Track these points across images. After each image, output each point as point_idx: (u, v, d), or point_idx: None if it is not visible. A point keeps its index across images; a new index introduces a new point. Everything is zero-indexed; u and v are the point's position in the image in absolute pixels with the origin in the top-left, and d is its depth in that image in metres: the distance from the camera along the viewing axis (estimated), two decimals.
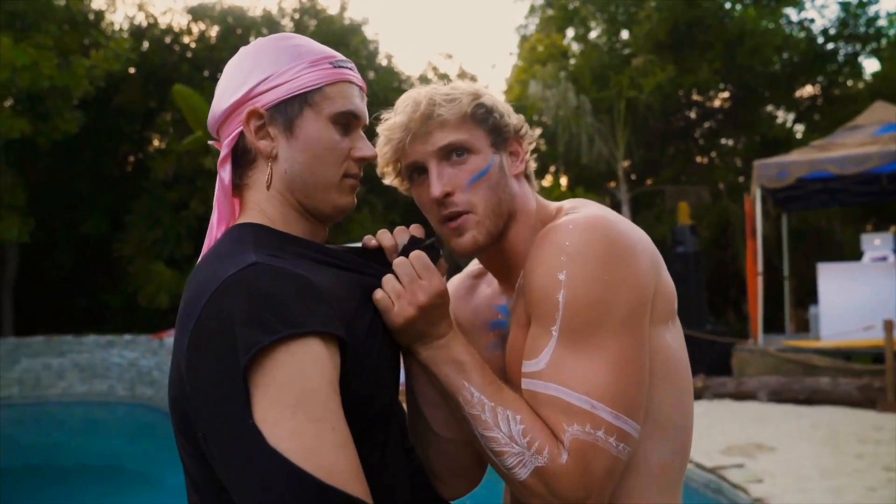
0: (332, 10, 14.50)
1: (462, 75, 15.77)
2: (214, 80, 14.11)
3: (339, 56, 0.93)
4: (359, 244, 1.02)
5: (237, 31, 13.99)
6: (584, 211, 0.98)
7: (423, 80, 15.08)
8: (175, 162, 12.56)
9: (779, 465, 4.61)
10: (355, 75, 0.94)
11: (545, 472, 0.86)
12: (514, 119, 1.06)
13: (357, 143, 0.93)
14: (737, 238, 12.61)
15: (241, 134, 0.90)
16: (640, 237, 0.96)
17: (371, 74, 14.43)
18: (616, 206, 14.42)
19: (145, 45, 13.78)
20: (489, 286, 1.16)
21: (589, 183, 14.95)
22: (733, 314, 14.42)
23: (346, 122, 0.91)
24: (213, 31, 14.27)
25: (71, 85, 10.61)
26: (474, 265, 1.23)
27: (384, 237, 1.03)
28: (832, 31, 14.63)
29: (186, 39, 14.33)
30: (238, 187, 0.93)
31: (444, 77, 15.21)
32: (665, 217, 13.84)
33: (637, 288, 0.91)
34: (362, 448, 0.78)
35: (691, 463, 4.63)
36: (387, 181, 1.10)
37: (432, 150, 1.00)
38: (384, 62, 14.95)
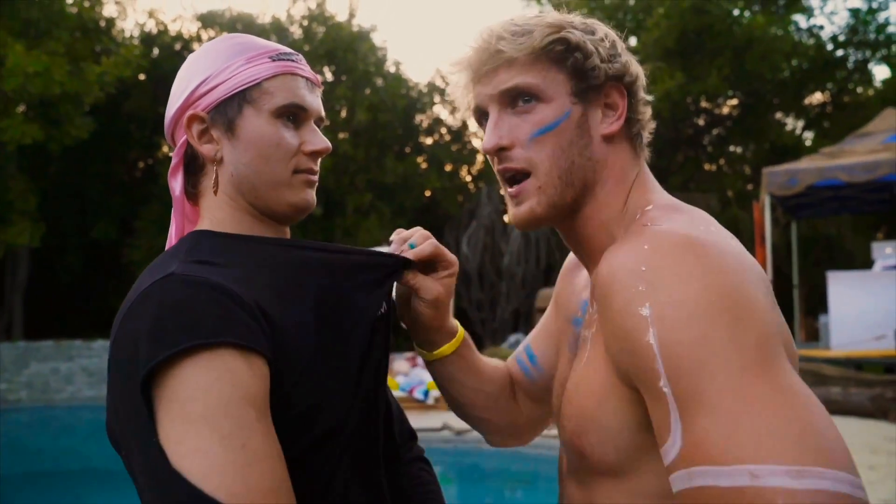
0: (341, 18, 14.57)
1: None
2: None
3: (282, 49, 0.89)
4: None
5: None
6: (665, 223, 0.74)
7: (432, 87, 15.12)
8: None
9: None
10: (300, 67, 0.89)
11: None
12: (618, 63, 0.83)
13: (307, 137, 0.88)
14: (746, 246, 12.53)
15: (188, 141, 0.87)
16: (741, 257, 0.71)
17: (379, 81, 14.48)
18: None
19: (155, 51, 13.90)
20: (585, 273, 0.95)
21: None
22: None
23: (292, 115, 0.87)
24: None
25: (82, 91, 10.70)
26: None
27: (398, 235, 1.00)
28: (841, 38, 14.58)
29: (196, 46, 14.41)
30: (193, 196, 0.90)
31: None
32: None
33: (754, 297, 0.65)
34: (306, 467, 0.75)
35: None
36: (473, 124, 0.91)
37: (493, 94, 0.82)
38: (392, 69, 15.00)
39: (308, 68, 0.91)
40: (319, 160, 0.91)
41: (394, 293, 0.99)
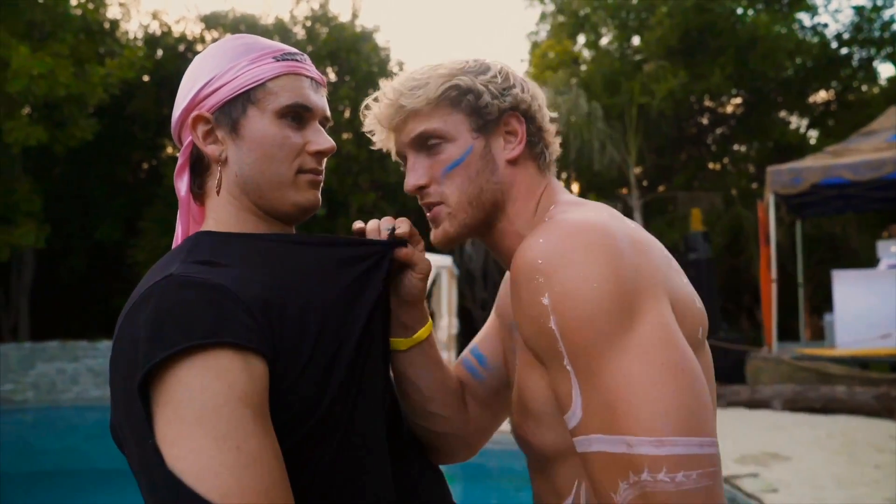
0: (344, 18, 14.59)
1: None
2: None
3: (287, 49, 0.89)
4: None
5: None
6: (561, 216, 0.83)
7: None
8: None
9: (794, 475, 4.55)
10: (304, 67, 0.90)
11: None
12: (510, 95, 0.92)
13: (311, 137, 0.88)
14: (750, 245, 12.54)
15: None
16: (636, 236, 0.81)
17: (383, 82, 14.48)
18: (628, 213, 14.36)
19: (159, 53, 13.93)
20: None
21: (601, 189, 14.91)
22: (747, 322, 14.31)
23: (296, 115, 0.87)
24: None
25: (86, 93, 10.73)
26: None
27: (370, 223, 1.00)
28: (846, 36, 14.54)
29: (200, 48, 14.46)
30: (200, 196, 0.91)
31: None
32: (677, 223, 13.76)
33: (642, 276, 0.74)
34: (308, 460, 0.76)
35: None
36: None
37: (406, 141, 0.94)
38: (396, 69, 14.99)
39: (313, 68, 0.92)
40: (325, 160, 0.91)
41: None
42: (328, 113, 0.92)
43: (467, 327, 13.72)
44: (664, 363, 0.71)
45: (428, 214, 0.95)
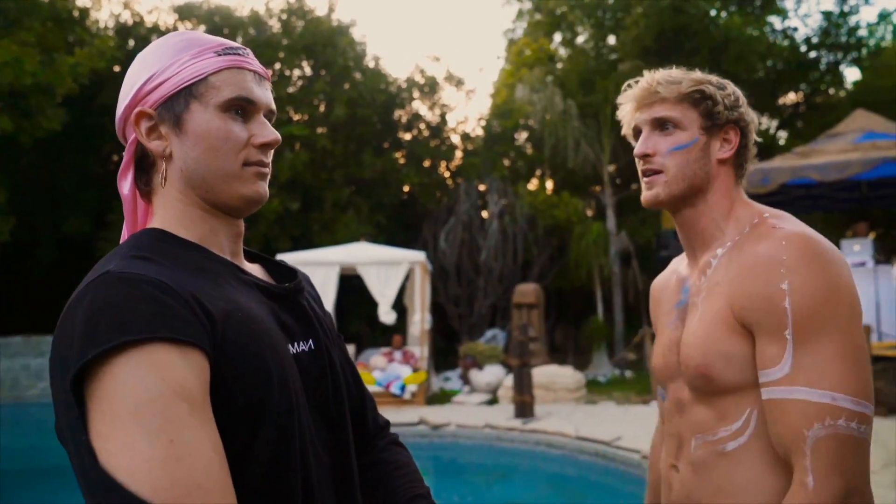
0: (320, 12, 14.47)
1: (449, 78, 15.78)
2: None
3: (228, 43, 0.90)
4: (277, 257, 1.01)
5: (224, 31, 13.91)
6: (790, 227, 1.07)
7: (411, 82, 15.09)
8: None
9: None
10: (247, 61, 0.90)
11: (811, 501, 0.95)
12: (737, 112, 1.17)
13: (256, 130, 0.89)
14: None
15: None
16: (842, 255, 1.06)
17: (358, 76, 14.40)
18: (601, 210, 14.50)
19: (131, 43, 13.68)
20: (680, 271, 1.30)
21: (575, 186, 15.02)
22: None
23: (240, 108, 0.88)
24: (200, 31, 14.19)
25: (54, 82, 10.51)
26: (674, 261, 1.39)
27: None
28: (815, 40, 14.83)
29: None
30: (146, 193, 0.91)
31: (430, 80, 15.21)
32: (650, 221, 13.93)
33: (850, 292, 1.01)
34: (259, 459, 0.76)
35: None
36: (629, 140, 1.27)
37: (647, 119, 1.19)
38: (371, 64, 14.93)
39: (256, 62, 0.92)
40: (271, 153, 0.91)
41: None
42: (273, 106, 0.93)
43: (440, 323, 13.73)
44: (860, 349, 0.99)
45: (646, 180, 1.19)
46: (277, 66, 14.21)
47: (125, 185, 0.90)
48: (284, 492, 0.79)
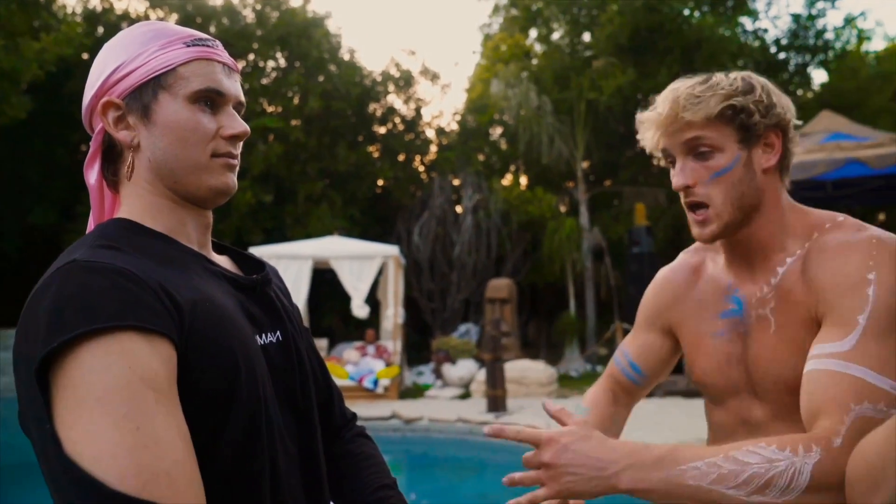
0: (295, 3, 14.31)
1: (424, 72, 15.74)
2: None
3: (197, 34, 0.90)
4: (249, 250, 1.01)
5: (197, 20, 13.69)
6: (874, 229, 1.05)
7: (386, 75, 15.03)
8: None
9: None
10: (216, 52, 0.90)
11: (824, 463, 0.87)
12: (776, 112, 1.09)
13: (224, 121, 0.89)
14: (691, 240, 12.89)
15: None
16: None
17: (333, 69, 14.29)
18: (574, 206, 14.61)
19: (100, 30, 13.39)
20: (715, 275, 1.22)
21: (548, 182, 15.11)
22: None
23: (209, 99, 0.87)
24: (172, 20, 13.94)
25: (19, 69, 10.24)
26: (689, 255, 1.31)
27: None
28: (784, 42, 15.10)
29: None
30: (114, 184, 0.91)
31: (406, 74, 15.16)
32: (622, 218, 14.08)
33: None
34: (227, 450, 0.76)
35: None
36: (655, 156, 1.18)
37: (678, 143, 1.10)
38: (346, 56, 14.82)
39: (225, 54, 0.92)
40: (240, 144, 0.92)
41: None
42: (242, 98, 0.93)
43: (413, 317, 13.73)
44: None
45: (694, 215, 1.12)
46: (251, 57, 14.04)
47: (92, 175, 0.89)
48: (252, 480, 0.79)
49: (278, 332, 0.92)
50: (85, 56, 12.69)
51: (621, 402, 1.40)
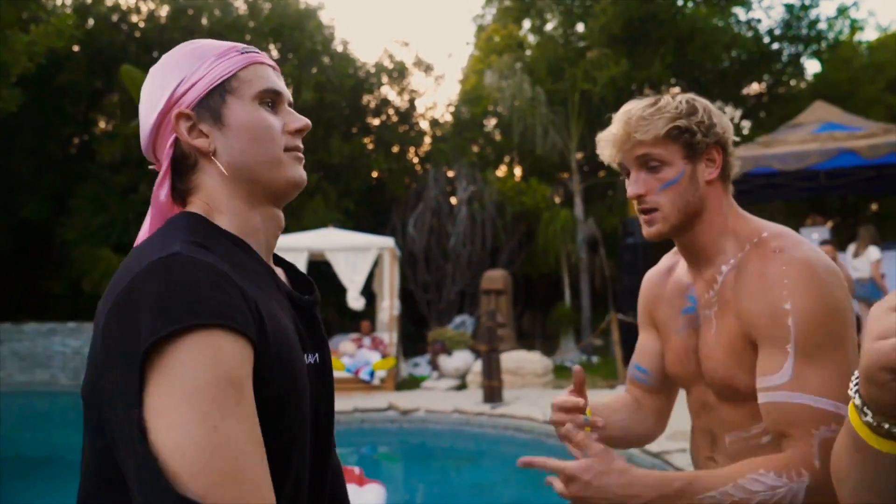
0: None
1: (418, 63, 15.68)
2: None
3: (244, 45, 0.96)
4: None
5: (188, 12, 13.60)
6: (791, 249, 1.15)
7: (380, 67, 14.97)
8: (123, 145, 12.17)
9: None
10: (265, 57, 0.96)
11: (812, 484, 1.03)
12: (716, 132, 1.24)
13: (287, 118, 0.95)
14: None
15: (176, 142, 0.90)
16: (838, 273, 1.13)
17: (326, 60, 14.23)
18: (569, 197, 14.62)
19: (90, 22, 13.28)
20: (679, 276, 1.36)
21: (542, 173, 15.10)
22: None
23: (270, 99, 0.93)
24: (164, 11, 13.85)
25: (9, 61, 10.16)
26: (668, 257, 1.45)
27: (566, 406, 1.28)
28: (777, 32, 15.08)
29: (135, 18, 13.88)
30: (182, 194, 0.93)
31: (399, 65, 15.11)
32: (616, 208, 14.09)
33: (847, 311, 1.11)
34: (274, 457, 0.78)
35: (636, 448, 4.75)
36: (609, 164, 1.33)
37: (632, 158, 1.25)
38: (339, 48, 14.76)
39: (269, 58, 0.97)
40: (301, 138, 0.97)
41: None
42: (290, 97, 0.98)
43: (409, 309, 13.75)
44: (854, 363, 1.06)
45: (644, 217, 1.26)
46: None
47: (162, 192, 0.92)
48: (278, 491, 0.82)
49: (317, 355, 0.95)
50: (75, 48, 12.60)
51: (644, 404, 1.50)
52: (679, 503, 1.05)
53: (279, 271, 1.01)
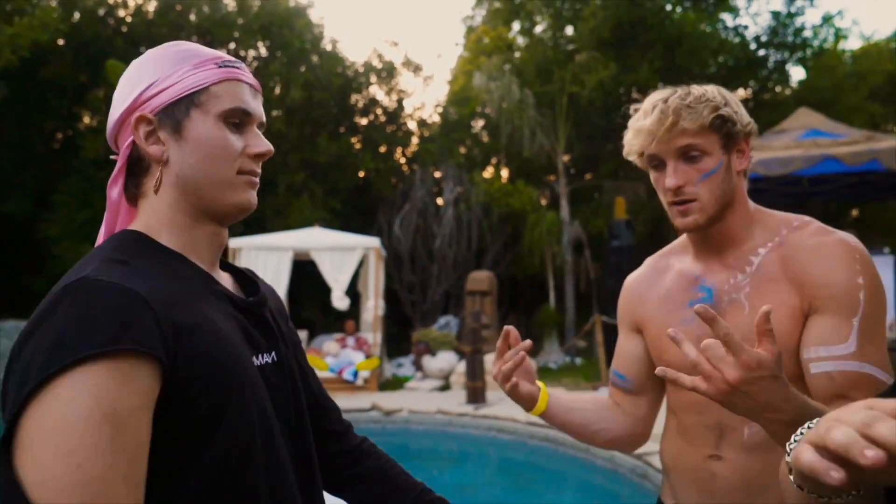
0: None
1: (407, 64, 15.66)
2: None
3: (227, 57, 0.94)
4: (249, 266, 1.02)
5: (177, 8, 13.50)
6: (841, 234, 1.19)
7: (368, 66, 14.94)
8: (107, 141, 12.06)
9: None
10: (245, 74, 0.94)
11: None
12: (746, 122, 1.24)
13: (251, 140, 0.93)
14: (670, 234, 13.02)
15: (134, 142, 0.90)
16: None
17: (315, 59, 14.18)
18: (555, 200, 14.67)
19: (76, 15, 13.14)
20: (682, 271, 1.36)
21: (530, 175, 15.14)
22: None
23: (237, 119, 0.91)
24: (151, 6, 13.73)
25: None
26: (654, 260, 1.45)
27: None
28: (764, 39, 15.22)
29: (122, 13, 13.74)
30: (133, 197, 0.93)
31: (388, 65, 15.08)
32: (602, 211, 14.16)
33: (884, 293, 1.16)
34: (215, 475, 0.77)
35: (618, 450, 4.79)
36: (630, 159, 1.34)
37: (672, 149, 1.23)
38: (329, 47, 14.71)
39: (251, 75, 0.96)
40: (261, 163, 0.95)
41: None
42: (264, 118, 0.97)
43: (393, 309, 13.72)
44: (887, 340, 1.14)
45: (679, 208, 1.25)
46: (232, 45, 13.88)
47: (115, 190, 0.92)
48: (248, 494, 0.82)
49: (273, 353, 0.95)
50: (60, 42, 12.47)
51: (624, 407, 1.49)
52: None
53: (225, 276, 1.00)
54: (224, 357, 0.81)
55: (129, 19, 13.69)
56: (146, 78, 0.90)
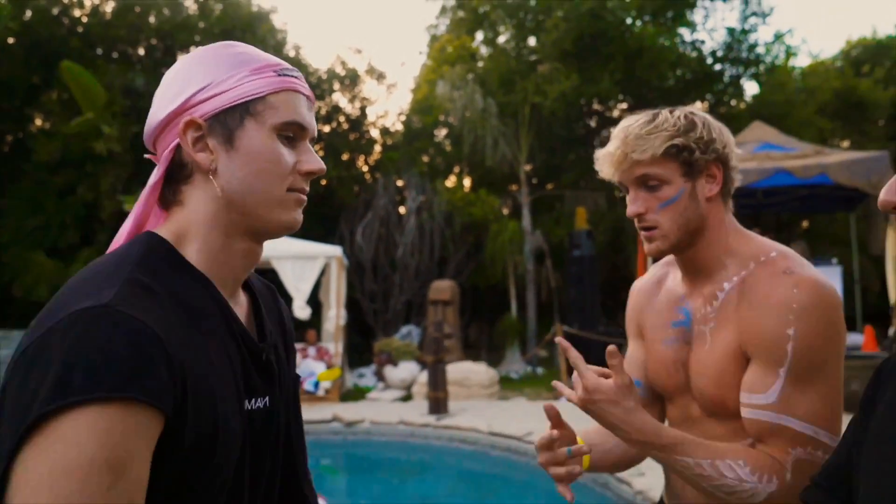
0: None
1: (370, 71, 15.63)
2: (108, 58, 13.25)
3: (285, 65, 0.88)
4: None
5: (136, 9, 13.22)
6: (800, 271, 1.15)
7: (332, 73, 14.86)
8: (61, 145, 11.71)
9: None
10: (302, 85, 0.88)
11: (776, 492, 1.09)
12: (715, 147, 1.21)
13: (303, 156, 0.87)
14: (629, 244, 13.24)
15: (178, 146, 0.84)
16: (839, 298, 1.15)
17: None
18: (517, 209, 14.77)
19: (28, 13, 12.76)
20: (671, 288, 1.36)
21: (492, 184, 15.22)
22: (624, 316, 15.10)
23: (291, 133, 0.86)
24: (109, 7, 13.42)
25: None
26: (658, 268, 1.45)
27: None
28: (719, 54, 15.64)
29: (77, 13, 13.40)
30: (169, 204, 0.86)
31: (351, 72, 15.02)
32: (563, 221, 14.31)
33: (843, 338, 1.13)
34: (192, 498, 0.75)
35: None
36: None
37: (630, 178, 1.24)
38: (292, 53, 14.58)
39: (307, 86, 0.90)
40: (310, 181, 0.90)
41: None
42: (316, 132, 0.91)
43: (356, 318, 13.62)
44: (840, 391, 1.12)
45: (644, 234, 1.25)
46: (192, 49, 13.65)
47: (149, 197, 0.86)
48: None
49: (267, 398, 0.90)
50: (11, 41, 12.09)
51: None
52: (658, 455, 1.13)
53: (243, 300, 0.94)
54: (216, 416, 0.77)
55: (85, 20, 13.36)
56: (199, 79, 0.83)
